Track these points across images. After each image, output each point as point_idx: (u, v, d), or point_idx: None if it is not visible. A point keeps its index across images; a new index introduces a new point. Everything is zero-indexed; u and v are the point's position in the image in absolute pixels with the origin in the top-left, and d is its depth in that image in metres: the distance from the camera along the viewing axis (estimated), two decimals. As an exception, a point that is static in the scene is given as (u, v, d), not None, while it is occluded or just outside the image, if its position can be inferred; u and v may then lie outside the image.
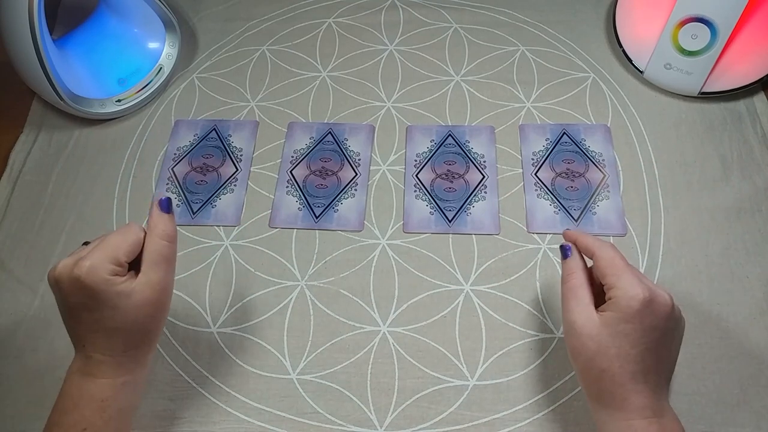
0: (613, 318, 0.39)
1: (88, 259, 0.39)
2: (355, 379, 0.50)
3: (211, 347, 0.53)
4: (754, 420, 0.47)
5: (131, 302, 0.40)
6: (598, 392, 0.40)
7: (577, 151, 0.61)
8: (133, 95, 0.67)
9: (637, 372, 0.39)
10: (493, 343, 0.51)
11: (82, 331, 0.41)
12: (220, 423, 0.49)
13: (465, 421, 0.48)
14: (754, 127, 0.61)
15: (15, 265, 0.58)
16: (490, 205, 0.58)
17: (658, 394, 0.39)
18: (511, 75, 0.67)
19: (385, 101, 0.66)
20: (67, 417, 0.40)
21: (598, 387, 0.40)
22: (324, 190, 0.60)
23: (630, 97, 0.65)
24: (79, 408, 0.40)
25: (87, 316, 0.40)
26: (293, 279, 0.56)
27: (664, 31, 0.61)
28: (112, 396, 0.40)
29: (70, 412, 0.40)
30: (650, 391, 0.39)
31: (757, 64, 0.61)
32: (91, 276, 0.39)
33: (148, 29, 0.69)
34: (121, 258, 0.40)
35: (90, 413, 0.40)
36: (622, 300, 0.39)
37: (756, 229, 0.55)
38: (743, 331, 0.50)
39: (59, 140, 0.66)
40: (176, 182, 0.62)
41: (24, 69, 0.59)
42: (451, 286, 0.54)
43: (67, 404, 0.40)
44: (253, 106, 0.67)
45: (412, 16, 0.73)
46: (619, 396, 0.39)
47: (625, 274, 0.40)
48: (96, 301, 0.39)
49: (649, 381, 0.39)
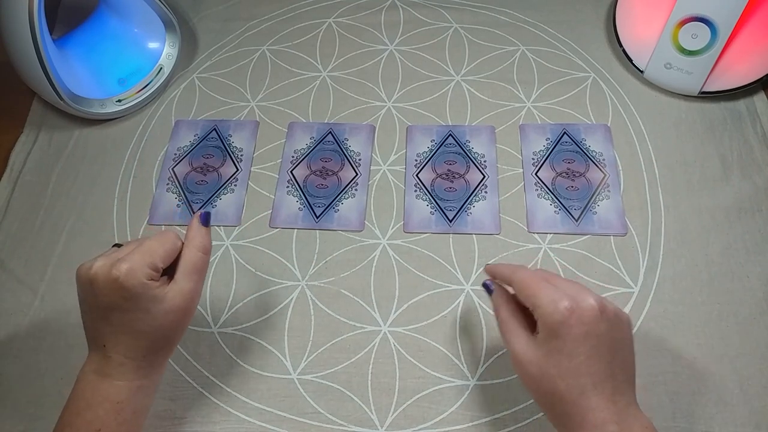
0: (543, 337, 0.38)
1: (127, 261, 0.40)
2: (355, 379, 0.50)
3: (211, 347, 0.53)
4: (754, 420, 0.47)
5: (162, 308, 0.40)
6: (556, 417, 0.39)
7: (578, 150, 0.61)
8: (133, 95, 0.67)
9: (586, 385, 0.37)
10: (493, 343, 0.51)
11: (108, 331, 0.41)
12: (220, 423, 0.49)
13: (465, 421, 0.48)
14: (754, 127, 0.61)
15: (15, 265, 0.58)
16: (491, 205, 0.58)
17: (618, 401, 0.38)
18: (512, 75, 0.67)
19: (386, 101, 0.66)
20: (80, 417, 0.40)
21: (554, 412, 0.39)
22: (324, 190, 0.60)
23: (630, 97, 0.65)
24: (92, 408, 0.40)
25: (117, 317, 0.40)
26: (294, 279, 0.56)
27: (664, 30, 0.61)
28: (128, 399, 0.40)
29: (84, 412, 0.40)
30: (607, 401, 0.37)
31: (757, 64, 0.61)
32: (129, 278, 0.39)
33: (148, 29, 0.69)
34: (158, 263, 0.41)
35: (104, 414, 0.40)
36: (544, 316, 0.38)
37: (756, 229, 0.55)
38: (743, 331, 0.51)
39: (59, 140, 0.66)
40: (176, 182, 0.62)
41: (24, 69, 0.59)
42: (452, 286, 0.54)
43: (81, 405, 0.40)
44: (253, 106, 0.67)
45: (413, 16, 0.73)
46: (576, 416, 0.37)
47: (542, 291, 0.39)
48: (130, 303, 0.40)
49: (602, 391, 0.37)
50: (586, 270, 0.54)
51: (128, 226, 0.60)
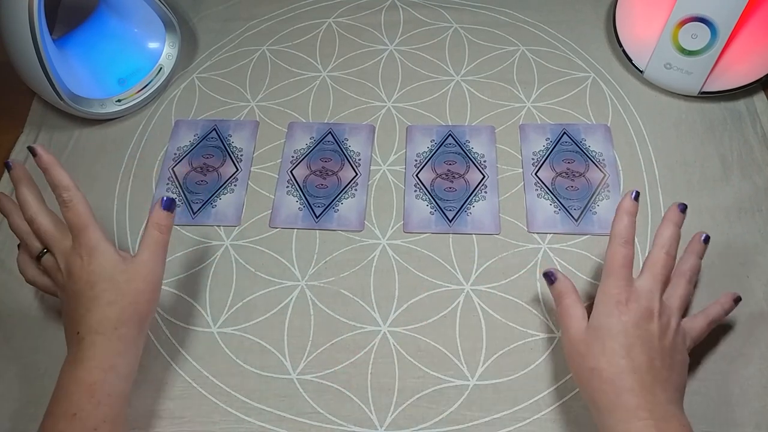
0: (595, 317, 0.42)
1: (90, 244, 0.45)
2: (355, 379, 0.50)
3: (211, 347, 0.53)
4: (754, 420, 0.47)
5: (126, 276, 0.44)
6: (592, 393, 0.40)
7: (578, 150, 0.61)
8: (133, 95, 0.67)
9: (626, 367, 0.39)
10: (493, 342, 0.51)
11: (79, 314, 0.43)
12: (220, 423, 0.49)
13: (465, 421, 0.48)
14: (754, 127, 0.61)
15: (15, 265, 0.57)
16: (491, 205, 0.58)
17: (657, 394, 0.39)
18: (511, 75, 0.67)
19: (386, 101, 0.66)
20: (58, 406, 0.41)
21: (591, 388, 0.40)
22: (324, 190, 0.60)
23: (630, 97, 0.65)
24: (68, 395, 0.41)
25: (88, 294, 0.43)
26: (293, 279, 0.56)
27: (664, 30, 0.61)
28: (101, 380, 0.41)
29: (61, 400, 0.41)
30: (643, 389, 0.39)
31: (757, 64, 0.61)
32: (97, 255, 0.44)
33: (148, 29, 0.69)
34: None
35: (78, 398, 0.41)
36: (601, 295, 0.43)
37: (756, 229, 0.55)
38: (743, 331, 0.50)
39: (59, 140, 0.66)
40: (176, 182, 0.62)
41: (24, 69, 0.59)
42: (452, 286, 0.54)
43: (59, 394, 0.42)
44: (253, 106, 0.67)
45: (412, 16, 0.73)
46: (611, 393, 0.39)
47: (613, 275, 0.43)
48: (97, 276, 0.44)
49: (641, 379, 0.39)
50: (586, 270, 0.54)
51: (128, 226, 0.60)
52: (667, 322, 0.42)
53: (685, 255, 0.50)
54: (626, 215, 0.44)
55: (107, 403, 0.41)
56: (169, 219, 0.47)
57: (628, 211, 0.45)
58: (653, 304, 0.42)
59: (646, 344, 0.40)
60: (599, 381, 0.40)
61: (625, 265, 0.43)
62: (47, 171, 0.46)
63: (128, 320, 0.44)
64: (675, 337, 0.42)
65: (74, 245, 0.45)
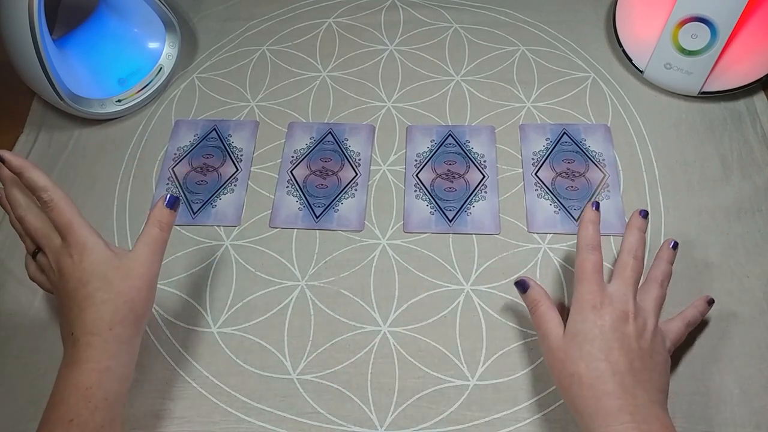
0: (571, 323, 0.43)
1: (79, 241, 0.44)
2: (355, 379, 0.50)
3: (211, 347, 0.53)
4: (754, 420, 0.47)
5: (120, 273, 0.43)
6: (573, 399, 0.40)
7: (578, 150, 0.61)
8: (133, 95, 0.67)
9: (605, 371, 0.39)
10: (493, 343, 0.51)
11: (74, 314, 0.42)
12: (220, 423, 0.49)
13: (465, 421, 0.48)
14: (754, 127, 0.61)
15: (15, 265, 0.58)
16: (491, 205, 0.58)
17: (638, 396, 0.39)
18: (511, 75, 0.67)
19: (386, 101, 0.66)
20: (55, 411, 0.40)
21: (571, 394, 0.40)
22: (324, 190, 0.60)
23: (630, 97, 0.65)
24: (65, 400, 0.40)
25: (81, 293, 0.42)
26: (293, 279, 0.56)
27: (664, 30, 0.61)
28: (97, 383, 0.40)
29: (58, 405, 0.40)
30: (624, 392, 0.39)
31: (757, 64, 0.61)
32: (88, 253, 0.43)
33: (148, 29, 0.69)
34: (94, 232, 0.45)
35: (75, 403, 0.40)
36: (575, 302, 0.43)
37: (756, 229, 0.55)
38: (743, 331, 0.50)
39: (59, 140, 0.66)
40: (176, 182, 0.62)
41: (24, 69, 0.59)
42: (452, 286, 0.54)
43: (56, 399, 0.41)
44: (253, 106, 0.67)
45: (412, 16, 0.73)
46: (591, 399, 0.39)
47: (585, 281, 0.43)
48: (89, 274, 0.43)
49: (621, 381, 0.39)
50: (586, 270, 0.54)
51: (128, 226, 0.60)
52: (643, 323, 0.43)
53: (656, 261, 0.50)
54: (590, 224, 0.46)
55: (104, 408, 0.40)
56: (171, 217, 0.47)
57: (592, 220, 0.46)
58: (627, 306, 0.43)
59: (625, 346, 0.41)
60: (579, 386, 0.40)
61: (596, 270, 0.44)
62: (21, 174, 0.45)
63: (123, 319, 0.43)
64: (653, 338, 0.42)
65: (64, 244, 0.44)
